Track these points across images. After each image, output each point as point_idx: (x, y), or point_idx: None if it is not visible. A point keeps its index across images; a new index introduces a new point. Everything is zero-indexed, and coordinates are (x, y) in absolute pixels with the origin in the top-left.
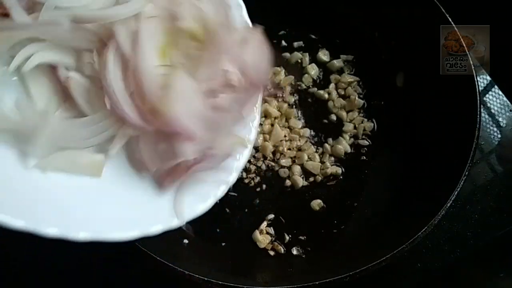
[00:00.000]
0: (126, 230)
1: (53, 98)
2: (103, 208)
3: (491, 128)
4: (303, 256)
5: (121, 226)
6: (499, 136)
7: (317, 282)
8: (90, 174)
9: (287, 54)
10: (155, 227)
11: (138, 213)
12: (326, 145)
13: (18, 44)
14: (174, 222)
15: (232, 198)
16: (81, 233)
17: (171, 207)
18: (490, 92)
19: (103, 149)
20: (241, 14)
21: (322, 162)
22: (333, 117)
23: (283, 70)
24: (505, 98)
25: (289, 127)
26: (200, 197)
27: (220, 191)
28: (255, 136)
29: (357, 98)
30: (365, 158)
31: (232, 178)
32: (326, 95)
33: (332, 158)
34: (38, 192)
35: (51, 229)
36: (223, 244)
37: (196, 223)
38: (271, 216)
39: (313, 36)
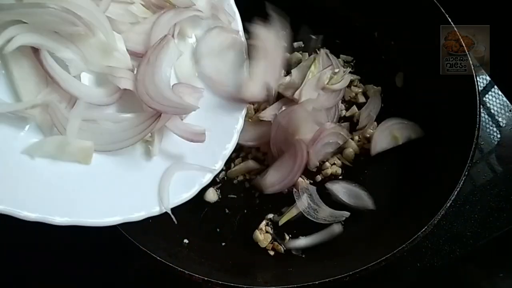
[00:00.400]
0: (108, 215)
1: (38, 81)
2: (87, 194)
3: (491, 128)
4: (303, 256)
5: (103, 211)
6: (499, 136)
7: (317, 282)
8: (79, 161)
9: (287, 54)
10: (138, 214)
11: (122, 199)
12: None
13: (1, 26)
14: (156, 209)
15: (231, 198)
16: (60, 218)
17: (155, 194)
18: (490, 92)
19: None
20: (229, 3)
21: (322, 162)
22: None
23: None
24: (504, 98)
25: None
26: (185, 184)
27: (205, 179)
28: (241, 126)
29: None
30: (365, 158)
31: (218, 166)
32: None
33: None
34: (22, 177)
35: (30, 213)
36: (223, 244)
37: (196, 223)
38: (271, 215)
39: (313, 36)
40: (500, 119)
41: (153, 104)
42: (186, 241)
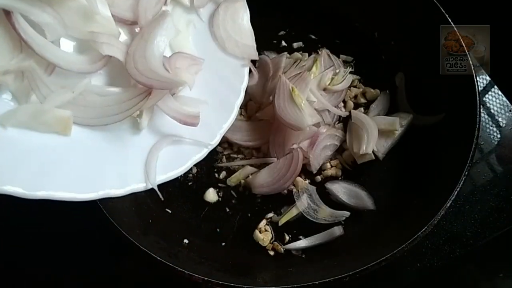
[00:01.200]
0: (87, 190)
1: (12, 47)
2: (65, 167)
3: (491, 128)
4: (303, 256)
5: (81, 186)
6: (499, 136)
7: (317, 282)
8: (57, 132)
9: (287, 54)
10: (121, 190)
11: (104, 174)
12: None
13: None
14: (142, 185)
15: (232, 198)
16: (32, 191)
17: (142, 169)
18: (489, 92)
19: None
20: None
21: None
22: None
23: None
24: (504, 98)
25: None
26: (177, 160)
27: (199, 155)
28: (242, 99)
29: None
30: None
31: (215, 141)
32: None
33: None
34: None
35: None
36: (223, 244)
37: (196, 223)
38: (271, 215)
39: (313, 36)
40: (500, 119)
41: (140, 78)
42: (186, 241)
